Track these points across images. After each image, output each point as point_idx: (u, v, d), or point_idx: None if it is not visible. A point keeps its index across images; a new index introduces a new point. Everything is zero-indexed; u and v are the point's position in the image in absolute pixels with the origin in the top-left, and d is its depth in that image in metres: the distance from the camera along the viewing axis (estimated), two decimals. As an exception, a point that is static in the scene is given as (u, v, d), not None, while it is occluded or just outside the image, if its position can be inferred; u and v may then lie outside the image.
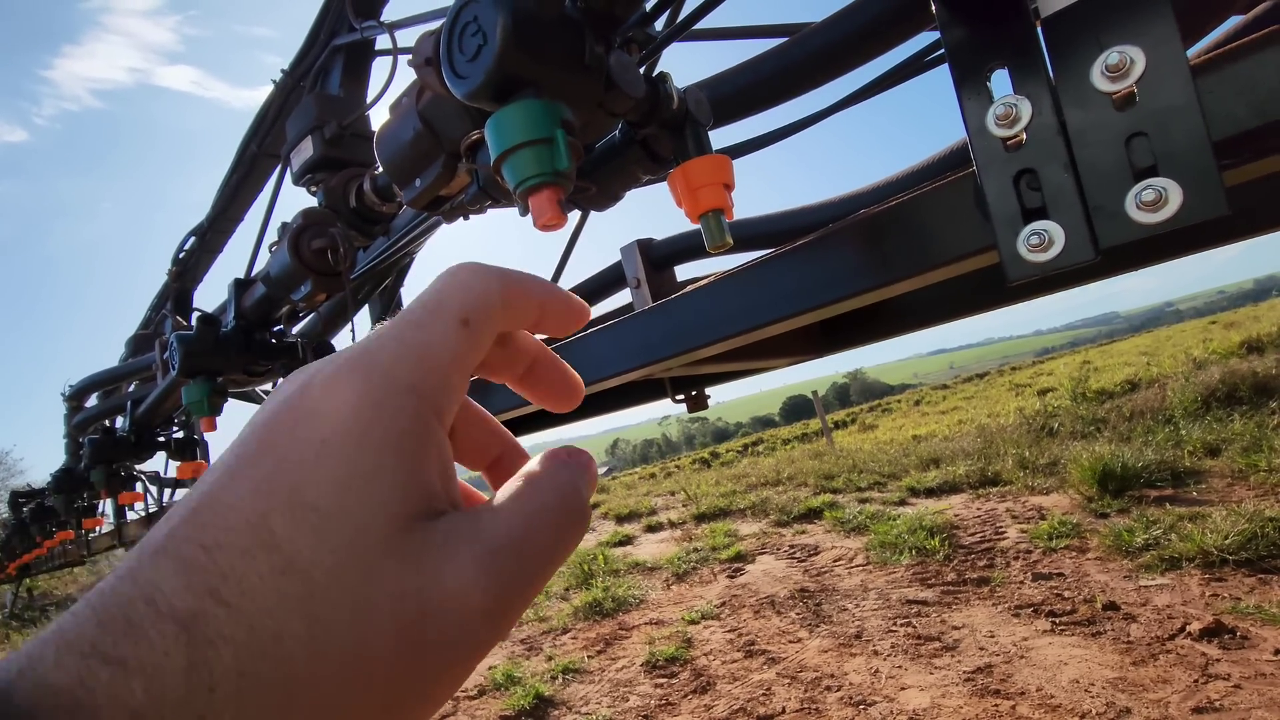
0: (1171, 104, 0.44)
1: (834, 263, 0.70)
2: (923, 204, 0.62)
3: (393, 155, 0.74)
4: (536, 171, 0.54)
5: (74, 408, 3.17)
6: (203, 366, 1.37)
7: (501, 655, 5.13)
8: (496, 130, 0.56)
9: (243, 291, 1.36)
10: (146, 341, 2.93)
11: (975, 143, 0.53)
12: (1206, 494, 5.19)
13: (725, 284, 0.86)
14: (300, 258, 1.12)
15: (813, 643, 4.21)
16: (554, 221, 0.54)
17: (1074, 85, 0.48)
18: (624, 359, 1.02)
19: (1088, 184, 0.48)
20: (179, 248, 2.68)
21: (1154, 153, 0.46)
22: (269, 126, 2.10)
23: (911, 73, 0.79)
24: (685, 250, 1.35)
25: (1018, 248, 0.51)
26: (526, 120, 0.54)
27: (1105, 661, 3.27)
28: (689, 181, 0.63)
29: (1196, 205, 0.44)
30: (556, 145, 0.54)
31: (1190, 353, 10.90)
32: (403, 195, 0.76)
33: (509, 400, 1.18)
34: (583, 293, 1.50)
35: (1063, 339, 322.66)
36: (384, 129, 0.76)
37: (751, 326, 0.82)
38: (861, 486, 8.22)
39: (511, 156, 0.55)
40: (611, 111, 0.62)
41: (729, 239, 0.63)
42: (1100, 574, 4.28)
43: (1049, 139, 0.49)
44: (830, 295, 0.71)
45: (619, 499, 11.90)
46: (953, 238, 0.59)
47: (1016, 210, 0.51)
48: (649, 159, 0.71)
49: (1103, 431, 7.64)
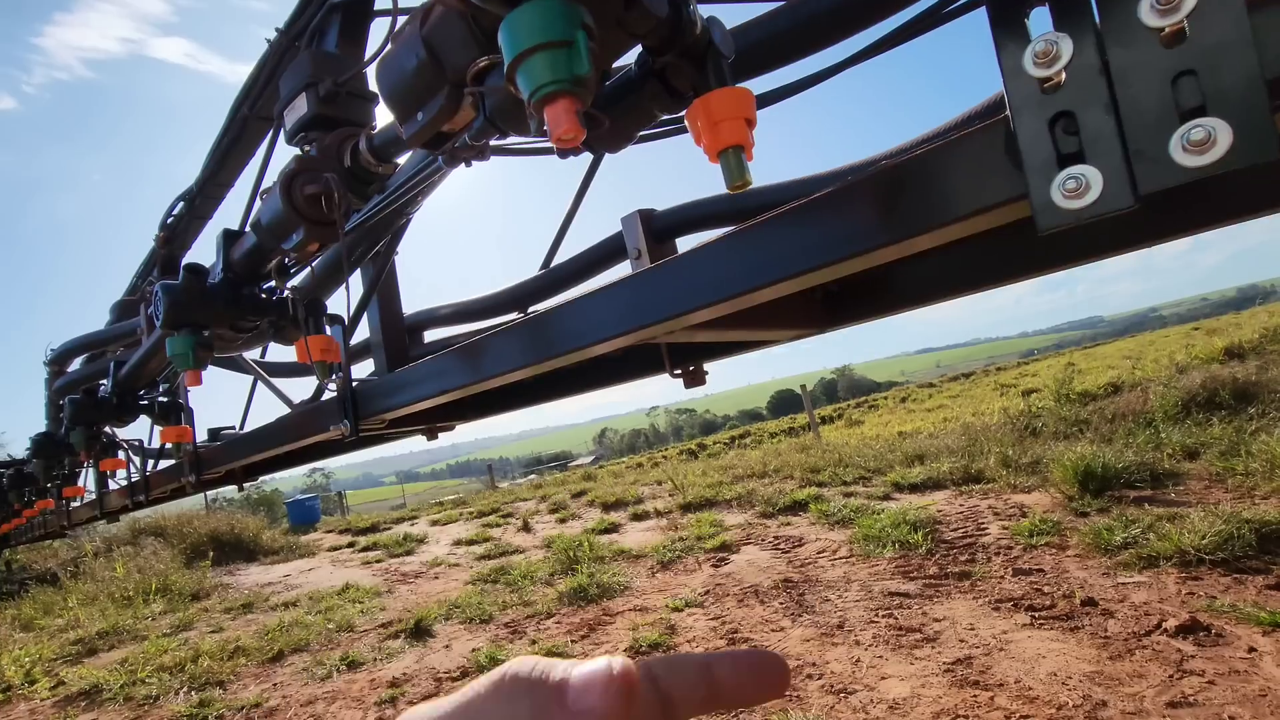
0: (1224, 40, 0.42)
1: (846, 219, 0.68)
2: (946, 153, 0.59)
3: (394, 86, 0.71)
4: (554, 77, 0.50)
5: (55, 372, 3.10)
6: (188, 318, 1.32)
7: (485, 639, 5.12)
8: (511, 31, 0.52)
9: (232, 243, 1.32)
10: (132, 308, 2.86)
11: (1010, 85, 0.51)
12: (1184, 495, 5.26)
13: (728, 243, 0.83)
14: (293, 203, 1.08)
15: (795, 632, 4.23)
16: (572, 133, 0.50)
17: (1120, 21, 0.46)
18: (621, 321, 0.99)
19: (1129, 126, 0.46)
20: (167, 213, 2.61)
21: (1203, 92, 0.43)
22: (261, 88, 2.03)
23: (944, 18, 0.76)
24: (688, 221, 1.32)
25: (1051, 194, 0.49)
26: (545, 20, 0.51)
27: (1083, 655, 3.31)
28: (710, 114, 0.60)
29: (1247, 147, 0.42)
30: (577, 48, 0.50)
31: (1173, 357, 11.04)
32: (403, 130, 0.72)
33: (506, 362, 1.15)
34: (582, 263, 1.47)
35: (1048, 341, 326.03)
36: (385, 59, 0.72)
37: (753, 287, 0.79)
38: (847, 481, 8.26)
39: (528, 60, 0.51)
40: (631, 31, 0.59)
41: (749, 176, 0.61)
42: (1080, 571, 4.33)
43: (1090, 79, 0.47)
44: (839, 253, 0.69)
45: (606, 487, 11.90)
46: (979, 188, 0.56)
47: (1051, 155, 0.49)
48: (666, 94, 0.68)
49: (1085, 432, 7.72)
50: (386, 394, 1.41)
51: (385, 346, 1.66)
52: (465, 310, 1.76)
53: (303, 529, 15.00)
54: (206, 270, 1.36)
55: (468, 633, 5.37)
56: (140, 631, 6.86)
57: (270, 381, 1.95)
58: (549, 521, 10.05)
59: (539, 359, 1.12)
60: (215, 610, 7.59)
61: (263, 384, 2.10)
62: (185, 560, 10.74)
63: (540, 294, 1.54)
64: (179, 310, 1.30)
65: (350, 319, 1.51)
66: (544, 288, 1.52)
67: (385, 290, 1.69)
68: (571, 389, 1.64)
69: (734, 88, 0.62)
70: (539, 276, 1.53)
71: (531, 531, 9.54)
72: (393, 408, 1.39)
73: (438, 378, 1.28)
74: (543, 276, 1.52)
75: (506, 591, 6.31)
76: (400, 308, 1.74)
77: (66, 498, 4.24)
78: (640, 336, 0.93)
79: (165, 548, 11.52)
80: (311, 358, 1.33)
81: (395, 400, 1.38)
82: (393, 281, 1.72)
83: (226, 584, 9.33)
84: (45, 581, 10.43)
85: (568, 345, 1.07)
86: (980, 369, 27.81)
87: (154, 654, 5.80)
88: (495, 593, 6.36)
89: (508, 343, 1.16)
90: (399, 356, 1.67)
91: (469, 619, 5.66)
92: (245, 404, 2.72)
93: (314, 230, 1.09)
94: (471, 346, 1.20)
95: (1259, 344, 9.78)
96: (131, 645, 6.41)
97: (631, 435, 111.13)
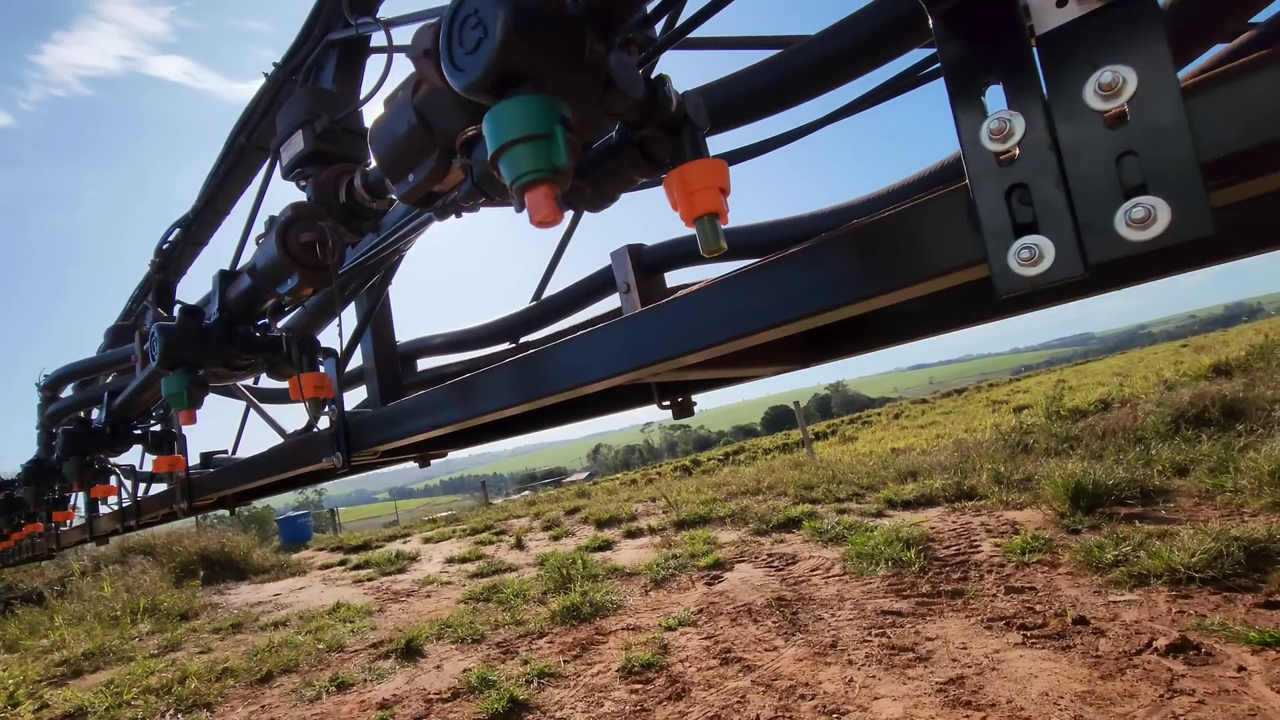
0: (1162, 123, 0.46)
1: (824, 273, 0.71)
2: (914, 216, 0.63)
3: (386, 149, 0.74)
4: (533, 167, 0.54)
5: (49, 398, 3.09)
6: (184, 358, 1.34)
7: (477, 658, 5.08)
8: (494, 124, 0.55)
9: (228, 283, 1.34)
10: (126, 333, 2.87)
11: (969, 156, 0.54)
12: (1174, 513, 5.29)
13: (715, 291, 0.86)
14: (288, 250, 1.11)
15: (788, 651, 4.22)
16: (550, 218, 0.53)
17: (1067, 102, 0.49)
18: (611, 364, 1.02)
19: (1078, 200, 0.49)
20: (163, 239, 2.63)
21: (1144, 171, 0.47)
22: (259, 119, 2.07)
23: (906, 86, 0.80)
24: (676, 256, 1.35)
25: (1008, 261, 0.52)
26: (525, 115, 0.54)
27: (1074, 675, 3.32)
28: (686, 185, 0.63)
29: (1184, 224, 0.45)
30: (555, 141, 0.53)
31: (1162, 374, 11.14)
32: (395, 190, 0.75)
33: (498, 400, 1.17)
34: (573, 295, 1.49)
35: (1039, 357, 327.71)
36: (378, 122, 0.75)
37: (740, 334, 0.82)
38: (840, 497, 8.27)
39: (509, 151, 0.54)
40: (610, 111, 0.62)
41: (723, 244, 0.64)
42: (1071, 589, 4.34)
43: (1041, 154, 0.50)
44: (819, 305, 0.72)
45: (600, 504, 11.86)
46: (943, 250, 0.59)
47: (1008, 224, 0.52)
48: (645, 161, 0.71)
49: (1076, 449, 7.77)
50: (379, 427, 1.43)
51: (378, 375, 1.68)
52: (458, 340, 1.79)
53: (294, 547, 14.87)
54: (202, 311, 1.38)
55: (459, 652, 5.33)
56: (127, 652, 6.77)
57: (263, 410, 1.96)
58: (542, 539, 10.00)
59: (531, 396, 1.14)
60: (204, 630, 7.51)
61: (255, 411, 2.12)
62: (174, 579, 10.62)
63: (532, 325, 1.57)
64: (175, 350, 1.31)
65: (344, 351, 1.53)
66: (535, 319, 1.55)
67: (379, 321, 1.71)
68: (561, 419, 1.66)
69: (708, 160, 0.65)
70: (531, 308, 1.55)
71: (525, 549, 9.49)
72: (385, 440, 1.41)
73: (430, 412, 1.29)
74: (535, 308, 1.55)
75: (499, 610, 6.27)
76: (393, 337, 1.76)
77: (56, 521, 4.21)
78: (631, 377, 0.95)
79: (154, 566, 11.40)
80: (304, 395, 1.35)
81: (388, 433, 1.40)
82: (386, 312, 1.74)
83: (216, 603, 9.23)
84: (31, 601, 10.28)
85: (560, 384, 1.09)
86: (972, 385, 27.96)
87: (140, 675, 5.73)
88: (487, 611, 6.32)
89: (500, 379, 1.18)
90: (392, 385, 1.69)
91: (461, 638, 5.62)
92: (238, 429, 2.73)
93: (308, 275, 1.11)
94: (465, 383, 1.22)
95: (1246, 361, 9.89)
96: (118, 666, 6.32)
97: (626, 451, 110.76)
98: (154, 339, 1.31)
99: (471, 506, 21.80)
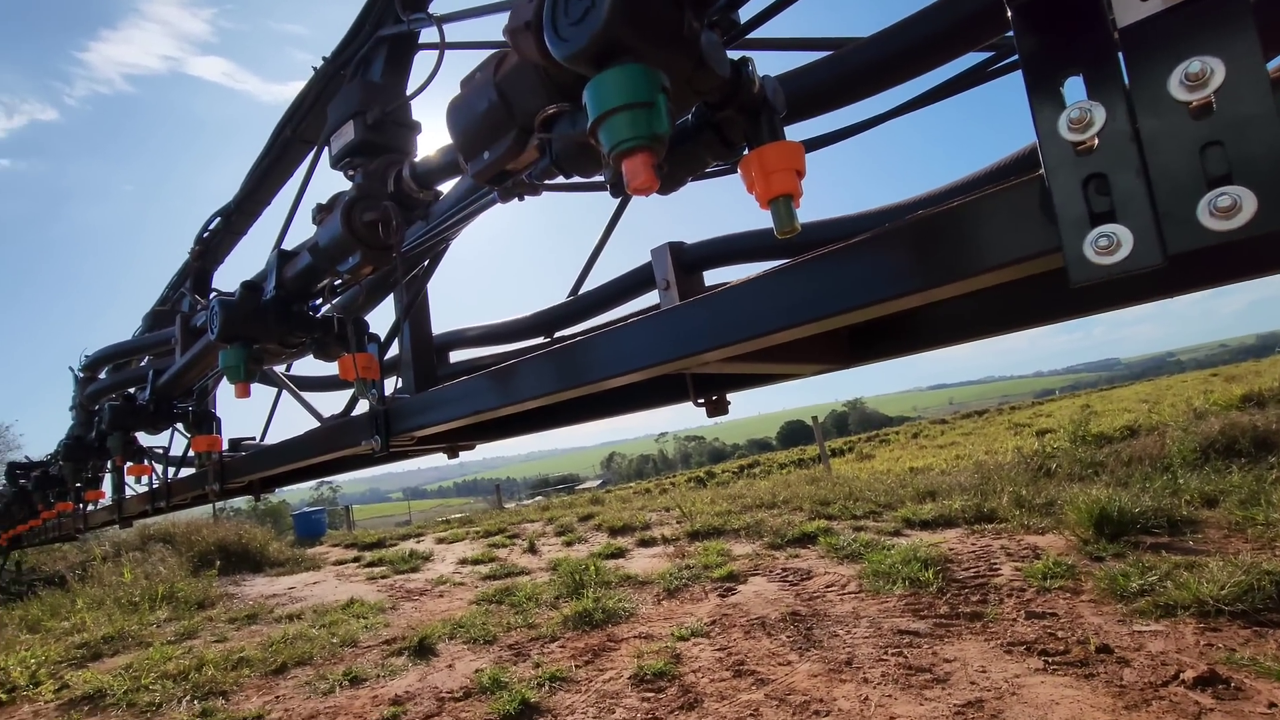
0: (1251, 114, 0.46)
1: (885, 263, 0.71)
2: (979, 208, 0.63)
3: (465, 127, 0.75)
4: (634, 134, 0.55)
5: (88, 378, 3.17)
6: (241, 332, 1.37)
7: (489, 660, 5.08)
8: (599, 92, 0.56)
9: (285, 262, 1.37)
10: (163, 318, 2.94)
11: (1045, 147, 0.54)
12: (1203, 544, 5.17)
13: (762, 282, 0.87)
14: (351, 229, 1.13)
15: (802, 666, 4.18)
16: (647, 184, 0.55)
17: (1150, 94, 0.49)
18: (653, 353, 1.03)
19: (1159, 190, 0.49)
20: (203, 227, 2.69)
21: (1229, 161, 0.47)
22: (305, 112, 2.12)
23: (978, 80, 0.80)
24: (717, 255, 1.36)
25: (1084, 250, 0.52)
26: (630, 83, 0.55)
27: (1098, 704, 3.24)
28: (764, 165, 0.64)
29: (1271, 213, 0.45)
30: (658, 109, 0.55)
31: (1191, 403, 10.91)
32: (469, 167, 0.77)
33: (537, 387, 1.18)
34: (611, 291, 1.51)
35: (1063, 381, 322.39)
36: (457, 101, 0.77)
37: (789, 324, 0.82)
38: (857, 515, 8.19)
39: (611, 118, 0.56)
40: (697, 89, 0.63)
41: (797, 224, 0.64)
42: (1094, 616, 4.25)
43: (1122, 144, 0.51)
44: (878, 295, 0.72)
45: (613, 512, 11.84)
46: (1013, 240, 0.59)
47: (1084, 213, 0.52)
48: (720, 144, 0.72)
49: (1100, 475, 7.63)
50: (419, 412, 1.45)
51: (415, 365, 1.70)
52: (493, 333, 1.81)
53: (308, 542, 15.02)
54: (261, 287, 1.41)
55: (471, 653, 5.34)
56: (145, 638, 6.87)
57: (300, 395, 2.00)
58: (555, 544, 10.00)
59: (570, 384, 1.15)
60: (220, 620, 7.60)
61: (290, 397, 2.15)
62: (192, 568, 10.77)
63: (568, 320, 1.58)
64: (234, 324, 1.35)
65: (386, 337, 1.55)
66: (572, 314, 1.56)
67: (418, 311, 1.74)
68: (594, 414, 1.67)
69: (786, 142, 0.66)
70: (568, 302, 1.57)
71: (537, 553, 9.49)
72: (424, 425, 1.43)
73: (470, 398, 1.31)
74: (572, 303, 1.56)
75: (511, 613, 6.27)
76: (430, 328, 1.78)
77: (86, 501, 4.29)
78: (675, 367, 0.96)
79: (173, 555, 11.57)
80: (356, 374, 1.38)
81: (427, 418, 1.42)
82: (425, 303, 1.76)
83: (232, 594, 9.34)
84: (53, 584, 10.48)
85: (600, 373, 1.10)
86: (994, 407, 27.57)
87: (158, 661, 5.81)
88: (499, 613, 6.32)
89: (540, 368, 1.20)
90: (427, 375, 1.71)
91: (473, 639, 5.63)
92: (267, 417, 2.78)
93: (370, 254, 1.13)
94: (505, 370, 1.23)
95: (1279, 393, 9.66)
96: (136, 651, 6.41)
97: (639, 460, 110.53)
98: (214, 313, 1.35)
99: (484, 509, 21.86)
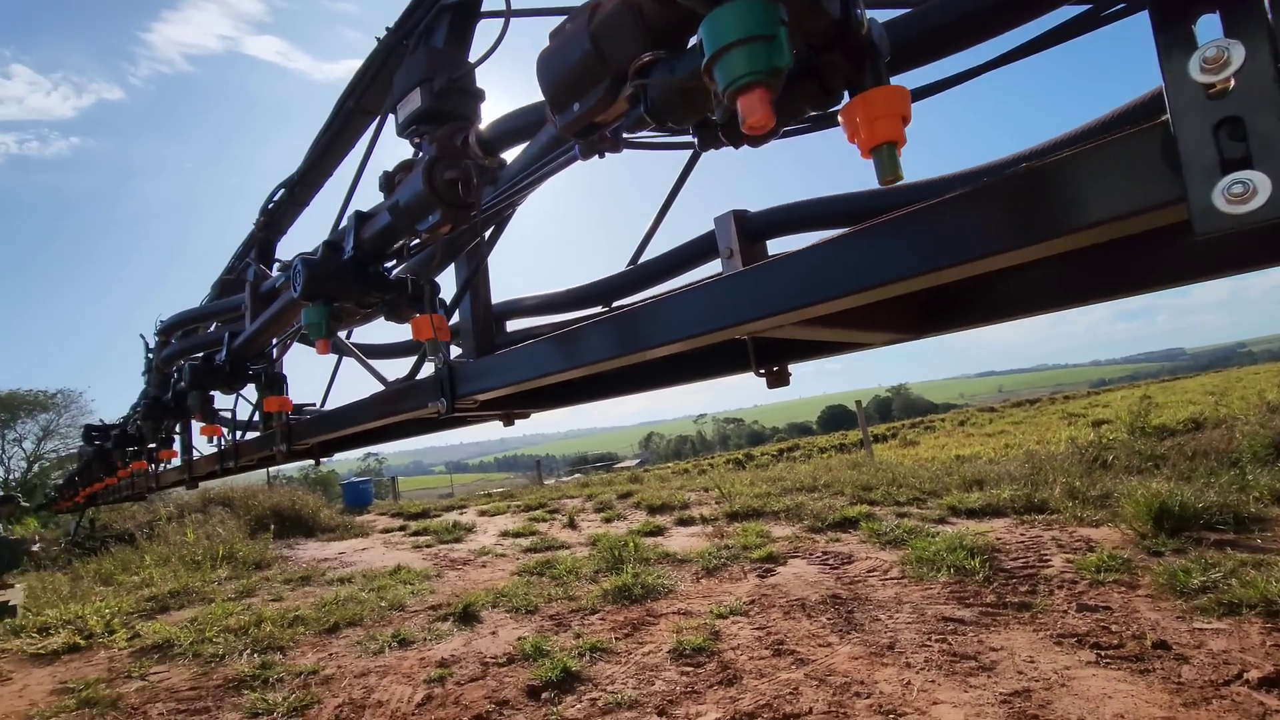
0: None
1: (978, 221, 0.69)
2: (1089, 159, 0.60)
3: (555, 78, 0.75)
4: (753, 69, 0.54)
5: (162, 342, 3.33)
6: (322, 290, 1.42)
7: (531, 628, 5.21)
8: (717, 26, 0.55)
9: (363, 223, 1.41)
10: (230, 285, 3.05)
11: (1172, 90, 0.51)
12: (1272, 542, 4.94)
13: (842, 242, 0.85)
14: (433, 186, 1.15)
15: (843, 649, 4.16)
16: (765, 121, 0.54)
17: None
18: (719, 318, 1.02)
19: (1304, 133, 0.46)
20: (268, 199, 2.78)
21: (1390, 100, 0.43)
22: (368, 83, 2.15)
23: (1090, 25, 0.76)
24: (781, 223, 1.34)
25: (1213, 199, 0.49)
26: (750, 16, 0.54)
27: (1154, 700, 3.15)
28: (869, 111, 0.62)
29: None
30: (778, 41, 0.53)
31: (1263, 396, 10.36)
32: (557, 120, 0.77)
33: (599, 351, 1.19)
34: (672, 261, 1.50)
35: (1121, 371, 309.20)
36: (546, 53, 0.77)
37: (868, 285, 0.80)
38: (900, 501, 8.06)
39: (728, 54, 0.54)
40: (806, 29, 0.61)
41: (901, 173, 0.63)
42: (1151, 612, 4.11)
43: (1264, 85, 0.47)
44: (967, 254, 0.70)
45: (652, 490, 11.93)
46: (1127, 192, 0.57)
47: (1215, 160, 0.50)
48: (820, 90, 0.70)
49: (1161, 468, 7.33)
50: (483, 375, 1.48)
51: (475, 331, 1.73)
52: (551, 302, 1.82)
53: (356, 510, 15.55)
54: (341, 247, 1.45)
55: (514, 621, 5.48)
56: (208, 594, 7.24)
57: (366, 361, 2.06)
58: (594, 520, 10.14)
59: (633, 349, 1.15)
60: (276, 580, 7.95)
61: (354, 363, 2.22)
62: (249, 531, 11.29)
63: (628, 289, 1.58)
64: (316, 282, 1.40)
65: (452, 302, 1.58)
66: (632, 283, 1.56)
67: (479, 278, 1.76)
68: (653, 383, 1.67)
69: (892, 86, 0.64)
70: (627, 271, 1.57)
71: (577, 529, 9.64)
72: (488, 388, 1.45)
73: (534, 362, 1.33)
74: (631, 272, 1.56)
75: (551, 585, 6.40)
76: (489, 296, 1.81)
77: (160, 460, 4.52)
78: (744, 331, 0.95)
79: (231, 518, 12.13)
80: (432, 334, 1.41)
81: (491, 381, 1.44)
82: (485, 270, 1.79)
83: (286, 556, 9.76)
84: (123, 541, 11.12)
85: (663, 337, 1.10)
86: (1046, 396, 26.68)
87: (220, 616, 6.13)
88: (540, 585, 6.46)
89: (603, 332, 1.20)
90: (487, 342, 1.74)
91: (515, 608, 5.77)
92: (328, 383, 2.88)
93: (449, 213, 1.15)
94: (568, 334, 1.24)
95: (1363, 386, 9.09)
96: (199, 606, 6.78)
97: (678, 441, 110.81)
98: (296, 271, 1.40)
99: (524, 484, 22.28)
